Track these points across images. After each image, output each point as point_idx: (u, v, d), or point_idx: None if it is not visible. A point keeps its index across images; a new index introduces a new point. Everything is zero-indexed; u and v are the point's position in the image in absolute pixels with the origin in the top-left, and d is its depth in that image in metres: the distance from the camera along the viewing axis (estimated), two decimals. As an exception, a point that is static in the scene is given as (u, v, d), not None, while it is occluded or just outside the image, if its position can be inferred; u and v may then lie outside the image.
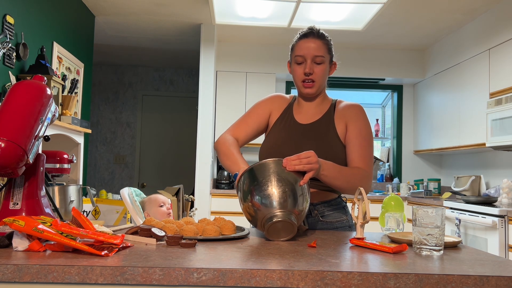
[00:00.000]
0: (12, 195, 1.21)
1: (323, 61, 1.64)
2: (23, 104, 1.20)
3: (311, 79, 1.64)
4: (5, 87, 2.72)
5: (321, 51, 1.63)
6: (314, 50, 1.63)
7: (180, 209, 2.72)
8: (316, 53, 1.62)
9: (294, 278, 0.93)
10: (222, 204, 4.77)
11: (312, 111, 1.72)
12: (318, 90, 1.68)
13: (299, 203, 1.33)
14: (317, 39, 1.65)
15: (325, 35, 1.68)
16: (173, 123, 6.65)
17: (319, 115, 1.70)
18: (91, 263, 0.94)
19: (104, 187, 6.42)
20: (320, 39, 1.65)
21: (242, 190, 1.38)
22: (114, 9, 4.34)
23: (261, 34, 4.94)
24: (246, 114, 1.77)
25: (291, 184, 1.33)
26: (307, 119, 1.70)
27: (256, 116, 1.75)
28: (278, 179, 1.33)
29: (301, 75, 1.65)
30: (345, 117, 1.68)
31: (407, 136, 5.64)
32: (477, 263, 1.07)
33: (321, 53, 1.63)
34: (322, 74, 1.65)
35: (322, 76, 1.65)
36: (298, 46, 1.67)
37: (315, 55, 1.62)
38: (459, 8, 4.05)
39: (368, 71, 5.38)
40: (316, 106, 1.72)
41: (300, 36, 1.68)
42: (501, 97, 3.69)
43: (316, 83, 1.65)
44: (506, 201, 3.66)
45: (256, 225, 1.36)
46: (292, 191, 1.32)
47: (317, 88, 1.66)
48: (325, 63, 1.65)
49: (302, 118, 1.71)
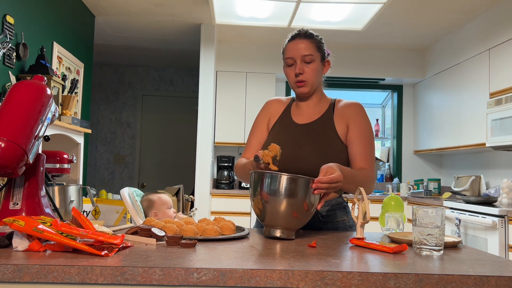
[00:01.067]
0: (12, 195, 1.21)
1: (313, 59, 1.65)
2: (23, 104, 1.20)
3: (302, 79, 1.65)
4: (5, 87, 2.72)
5: (309, 50, 1.64)
6: (303, 50, 1.64)
7: (180, 209, 2.72)
8: (305, 52, 1.64)
9: (294, 278, 0.93)
10: (222, 204, 4.77)
11: (311, 111, 1.72)
12: (312, 89, 1.68)
13: (304, 221, 1.36)
14: (304, 39, 1.66)
15: (314, 34, 1.69)
16: (173, 123, 6.65)
17: (318, 115, 1.70)
18: (91, 263, 0.94)
19: (104, 187, 6.42)
20: (308, 39, 1.66)
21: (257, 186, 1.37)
22: (114, 9, 4.34)
23: (261, 34, 4.94)
24: (250, 133, 1.80)
25: (302, 202, 1.32)
26: (306, 119, 1.71)
27: (259, 129, 1.78)
28: (290, 195, 1.32)
29: (292, 76, 1.67)
30: (345, 116, 1.68)
31: (407, 136, 5.64)
32: (477, 263, 1.07)
33: (309, 52, 1.64)
34: (313, 72, 1.66)
35: (313, 75, 1.66)
36: (287, 48, 1.69)
37: (304, 55, 1.64)
38: (459, 8, 4.05)
39: (368, 71, 5.38)
40: (315, 106, 1.73)
41: (289, 39, 1.70)
42: (501, 97, 3.69)
43: (308, 82, 1.66)
44: (506, 201, 3.66)
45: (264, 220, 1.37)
46: (301, 211, 1.33)
47: (310, 86, 1.67)
48: (315, 62, 1.66)
49: (300, 119, 1.72)
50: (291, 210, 1.31)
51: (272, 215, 1.32)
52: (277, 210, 1.31)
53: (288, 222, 1.33)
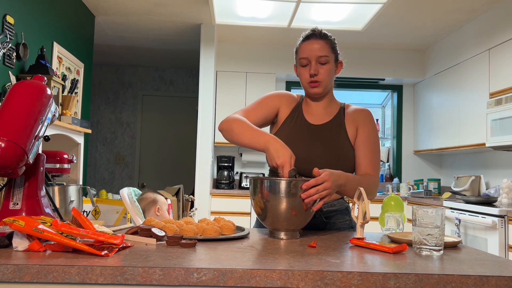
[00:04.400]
0: (12, 195, 1.21)
1: (328, 60, 1.64)
2: (23, 104, 1.20)
3: (316, 80, 1.64)
4: (5, 87, 2.72)
5: (324, 51, 1.63)
6: (318, 50, 1.62)
7: (180, 209, 2.72)
8: (320, 53, 1.62)
9: (294, 278, 0.93)
10: (222, 204, 4.77)
11: (321, 112, 1.71)
12: (325, 90, 1.68)
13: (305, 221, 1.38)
14: (319, 40, 1.64)
15: (328, 34, 1.68)
16: (173, 123, 6.65)
17: (329, 117, 1.70)
18: (91, 263, 0.94)
19: (104, 187, 6.42)
20: (323, 39, 1.65)
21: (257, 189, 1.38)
22: (114, 9, 4.34)
23: (261, 34, 4.94)
24: (256, 102, 1.73)
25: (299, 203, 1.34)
26: (318, 120, 1.70)
27: (266, 108, 1.71)
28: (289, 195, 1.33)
29: (307, 77, 1.65)
30: (355, 121, 1.68)
31: (407, 136, 5.64)
32: (477, 263, 1.07)
33: (324, 53, 1.63)
34: (328, 74, 1.65)
35: (327, 76, 1.65)
36: (301, 48, 1.66)
37: (319, 56, 1.62)
38: (459, 8, 4.05)
39: (368, 71, 5.38)
40: (325, 108, 1.72)
41: (303, 39, 1.68)
42: (501, 97, 3.69)
43: (322, 83, 1.64)
44: (506, 201, 3.66)
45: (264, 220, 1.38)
46: (300, 212, 1.34)
47: (324, 87, 1.66)
48: (330, 63, 1.65)
49: (312, 119, 1.71)
50: (290, 209, 1.32)
51: (274, 215, 1.34)
52: (278, 209, 1.32)
53: (288, 223, 1.34)
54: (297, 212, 1.33)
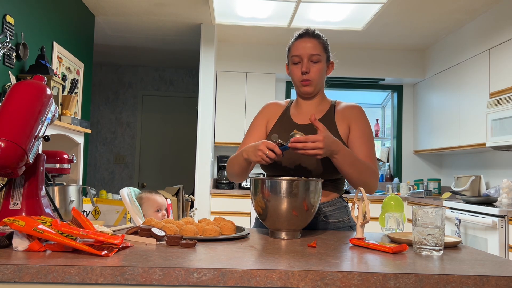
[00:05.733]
0: (12, 195, 1.21)
1: (320, 59, 1.66)
2: (23, 104, 1.20)
3: (307, 78, 1.65)
4: (5, 87, 2.72)
5: (317, 50, 1.65)
6: (310, 49, 1.64)
7: (180, 209, 2.72)
8: (312, 52, 1.64)
9: (294, 278, 0.93)
10: (222, 204, 4.77)
11: (312, 111, 1.72)
12: (316, 89, 1.69)
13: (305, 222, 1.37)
14: (312, 39, 1.66)
15: (321, 35, 1.71)
16: (173, 123, 6.65)
17: (319, 115, 1.71)
18: (91, 263, 0.94)
19: (104, 187, 6.42)
20: (316, 39, 1.67)
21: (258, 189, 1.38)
22: (114, 9, 4.34)
23: (261, 34, 4.94)
24: (249, 129, 1.80)
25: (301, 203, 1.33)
26: (307, 120, 1.71)
27: (256, 130, 1.77)
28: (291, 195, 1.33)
29: (298, 74, 1.67)
30: (346, 117, 1.69)
31: (407, 136, 5.64)
32: (477, 263, 1.07)
33: (317, 52, 1.65)
34: (319, 72, 1.66)
35: (319, 75, 1.67)
36: (294, 46, 1.69)
37: (311, 54, 1.64)
38: (459, 8, 4.05)
39: (368, 71, 5.38)
40: (316, 107, 1.73)
41: (296, 37, 1.70)
42: (501, 97, 3.69)
43: (314, 82, 1.66)
44: (506, 201, 3.66)
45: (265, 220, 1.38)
46: (302, 213, 1.33)
47: (315, 86, 1.68)
48: (321, 62, 1.66)
49: (301, 119, 1.72)
50: (291, 209, 1.32)
51: (274, 215, 1.34)
52: (279, 209, 1.32)
53: (289, 223, 1.34)
54: (298, 212, 1.33)
